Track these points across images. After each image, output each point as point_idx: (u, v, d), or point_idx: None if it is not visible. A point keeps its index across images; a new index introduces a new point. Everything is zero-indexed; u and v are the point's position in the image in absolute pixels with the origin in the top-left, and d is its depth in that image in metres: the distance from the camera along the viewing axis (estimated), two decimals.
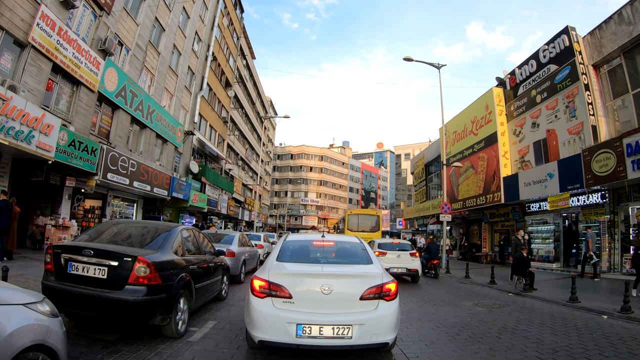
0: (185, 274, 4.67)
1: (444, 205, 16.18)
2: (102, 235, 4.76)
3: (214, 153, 26.27)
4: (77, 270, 3.96)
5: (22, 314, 2.26)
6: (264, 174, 49.35)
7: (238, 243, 9.92)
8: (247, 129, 38.63)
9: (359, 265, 4.04)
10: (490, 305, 7.85)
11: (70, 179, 11.60)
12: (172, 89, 19.27)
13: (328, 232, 11.39)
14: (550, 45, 15.19)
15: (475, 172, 20.29)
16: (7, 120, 8.31)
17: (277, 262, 4.03)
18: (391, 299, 3.64)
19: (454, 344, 4.81)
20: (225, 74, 28.12)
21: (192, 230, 5.88)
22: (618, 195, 12.31)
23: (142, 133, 16.62)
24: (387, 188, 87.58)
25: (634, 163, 10.31)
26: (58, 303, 3.30)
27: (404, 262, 10.86)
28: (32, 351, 2.22)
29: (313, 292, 3.54)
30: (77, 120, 12.02)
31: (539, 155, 16.27)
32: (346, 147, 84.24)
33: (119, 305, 3.82)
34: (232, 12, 29.31)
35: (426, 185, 29.30)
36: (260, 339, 3.44)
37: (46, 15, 9.98)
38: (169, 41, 18.18)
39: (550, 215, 15.88)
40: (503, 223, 20.06)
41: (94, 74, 12.33)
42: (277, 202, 70.06)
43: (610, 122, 13.27)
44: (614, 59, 12.86)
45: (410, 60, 16.57)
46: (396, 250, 11.22)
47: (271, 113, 53.56)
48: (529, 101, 16.81)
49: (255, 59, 40.60)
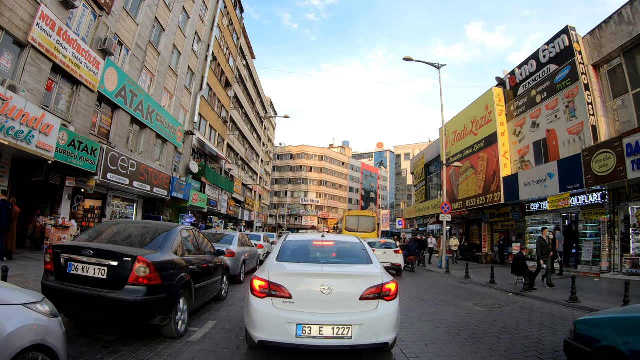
0: (185, 274, 4.67)
1: (444, 205, 16.18)
2: (101, 235, 4.76)
3: (214, 153, 26.27)
4: (77, 270, 3.96)
5: (21, 314, 2.26)
6: (263, 174, 49.35)
7: (238, 243, 9.91)
8: (247, 129, 38.63)
9: (359, 265, 4.04)
10: (490, 305, 7.85)
11: (70, 179, 11.59)
12: (172, 89, 19.26)
13: (328, 232, 11.55)
14: (550, 45, 15.19)
15: (475, 172, 20.29)
16: (7, 120, 8.30)
17: (277, 262, 4.03)
18: (391, 299, 3.64)
19: (454, 344, 4.81)
20: (225, 74, 28.12)
21: (192, 231, 5.88)
22: (618, 195, 12.31)
23: (142, 133, 16.62)
24: (387, 188, 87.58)
25: (634, 163, 10.31)
26: (58, 303, 3.30)
27: (389, 258, 12.99)
28: (32, 351, 2.22)
29: (313, 292, 3.53)
30: (77, 120, 12.02)
31: (539, 155, 16.26)
32: (346, 147, 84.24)
33: (118, 305, 3.82)
34: (232, 12, 29.31)
35: (426, 185, 29.30)
36: (260, 339, 3.44)
37: (46, 15, 9.97)
38: (169, 41, 18.17)
39: (550, 215, 15.88)
40: (503, 223, 20.06)
41: (93, 74, 12.33)
42: (277, 202, 70.06)
43: (610, 122, 13.27)
44: (614, 59, 12.86)
45: (410, 60, 16.58)
46: (383, 248, 13.52)
47: (271, 113, 53.56)
48: (529, 101, 16.81)
49: (255, 59, 40.61)
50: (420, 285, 10.92)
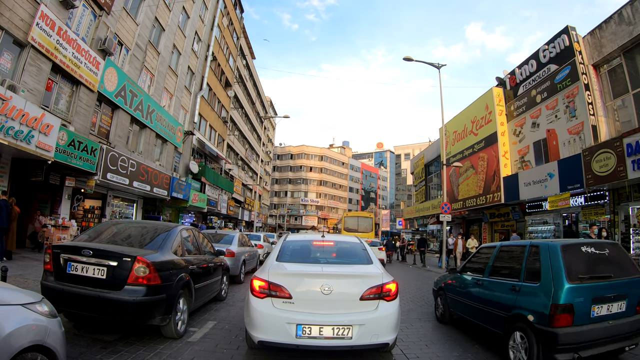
0: (185, 274, 4.66)
1: (444, 205, 16.17)
2: (101, 235, 4.75)
3: (214, 153, 26.26)
4: (76, 270, 3.95)
5: (20, 314, 2.25)
6: (263, 174, 49.34)
7: (238, 243, 9.91)
8: (247, 129, 38.62)
9: (359, 266, 4.03)
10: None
11: (70, 179, 11.58)
12: (171, 89, 19.25)
13: (328, 232, 11.57)
14: (551, 45, 15.18)
15: (475, 172, 20.27)
16: (7, 120, 8.29)
17: (276, 262, 4.02)
18: (391, 299, 3.63)
19: (455, 345, 4.79)
20: (225, 74, 28.11)
21: (192, 231, 5.88)
22: (618, 195, 12.30)
23: (141, 133, 16.61)
24: (387, 188, 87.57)
25: (634, 163, 10.30)
26: (57, 303, 3.30)
27: (375, 253, 14.10)
28: (31, 352, 2.21)
29: (313, 292, 3.52)
30: (76, 120, 12.01)
31: (539, 155, 16.25)
32: (346, 147, 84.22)
33: (118, 305, 3.81)
34: (232, 12, 29.30)
35: (426, 185, 29.29)
36: (260, 339, 3.43)
37: (46, 15, 9.96)
38: (169, 41, 18.16)
39: (550, 215, 15.87)
40: (503, 223, 20.04)
41: (93, 74, 12.32)
42: (277, 202, 70.05)
43: (611, 122, 13.26)
44: (614, 58, 12.85)
45: (410, 60, 16.56)
46: (369, 245, 14.38)
47: (271, 113, 53.55)
48: (529, 101, 16.80)
49: (255, 59, 40.60)
50: (420, 286, 10.92)
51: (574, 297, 3.57)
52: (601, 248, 4.14)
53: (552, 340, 3.47)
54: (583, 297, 3.61)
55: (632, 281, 3.94)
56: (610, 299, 3.72)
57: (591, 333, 3.56)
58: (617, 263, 4.10)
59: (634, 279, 3.96)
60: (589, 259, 3.98)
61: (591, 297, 3.63)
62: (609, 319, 3.68)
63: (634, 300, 3.86)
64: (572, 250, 3.96)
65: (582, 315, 3.56)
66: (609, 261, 4.07)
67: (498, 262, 4.86)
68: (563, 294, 3.55)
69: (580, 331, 3.52)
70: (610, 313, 3.71)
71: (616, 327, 3.68)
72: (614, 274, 3.92)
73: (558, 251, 3.87)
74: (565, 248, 3.93)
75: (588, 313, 3.60)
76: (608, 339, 3.64)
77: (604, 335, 3.61)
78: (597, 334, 3.59)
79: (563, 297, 3.55)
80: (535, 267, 4.02)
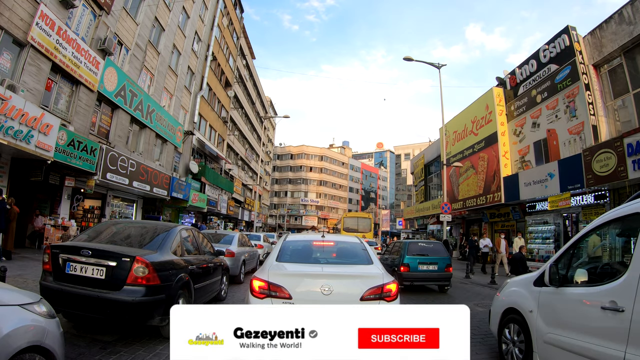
0: (184, 274, 4.64)
1: (444, 205, 16.16)
2: (100, 235, 4.73)
3: (214, 153, 26.25)
4: (75, 270, 3.93)
5: (18, 315, 2.24)
6: (263, 174, 49.32)
7: (238, 243, 9.89)
8: (247, 129, 38.60)
9: (359, 266, 4.00)
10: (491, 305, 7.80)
11: (70, 179, 11.57)
12: (171, 89, 19.24)
13: (328, 232, 11.55)
14: (551, 45, 15.16)
15: (476, 172, 20.26)
16: (6, 120, 8.28)
17: (276, 262, 3.99)
18: (392, 299, 3.61)
19: None
20: (225, 74, 28.09)
21: (192, 231, 5.86)
22: (619, 195, 12.28)
23: (141, 133, 16.60)
24: (387, 188, 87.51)
25: (634, 163, 10.29)
26: (56, 304, 3.28)
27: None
28: (29, 352, 2.20)
29: (313, 292, 3.50)
30: (76, 120, 11.99)
31: (540, 155, 16.24)
32: (346, 147, 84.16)
33: (117, 305, 3.79)
34: (232, 12, 29.29)
35: (426, 185, 29.28)
36: None
37: (45, 15, 9.95)
38: (169, 41, 18.15)
39: (550, 215, 15.82)
40: (503, 223, 20.02)
41: (93, 74, 12.30)
42: (277, 202, 70.00)
43: (611, 122, 13.25)
44: (615, 58, 12.84)
45: (410, 60, 16.55)
46: None
47: (271, 113, 53.52)
48: (529, 101, 16.79)
49: (255, 59, 40.57)
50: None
51: (409, 261, 9.20)
52: (429, 243, 10.51)
53: (400, 277, 8.78)
54: (415, 261, 9.21)
55: (441, 258, 9.44)
56: (428, 263, 9.26)
57: (417, 275, 9.14)
58: (435, 250, 9.81)
59: (442, 257, 9.49)
60: (419, 247, 9.99)
61: (417, 262, 9.20)
62: (425, 272, 9.21)
63: (442, 265, 9.31)
64: (412, 244, 10.19)
65: (414, 268, 9.15)
66: (431, 249, 9.79)
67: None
68: (404, 259, 9.24)
69: (401, 273, 9.01)
70: (428, 269, 9.24)
71: (430, 275, 9.27)
72: (430, 253, 9.57)
73: (406, 243, 9.95)
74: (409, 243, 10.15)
75: (416, 267, 9.17)
76: (425, 279, 9.31)
77: (423, 277, 9.24)
78: (420, 276, 9.19)
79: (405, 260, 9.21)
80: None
